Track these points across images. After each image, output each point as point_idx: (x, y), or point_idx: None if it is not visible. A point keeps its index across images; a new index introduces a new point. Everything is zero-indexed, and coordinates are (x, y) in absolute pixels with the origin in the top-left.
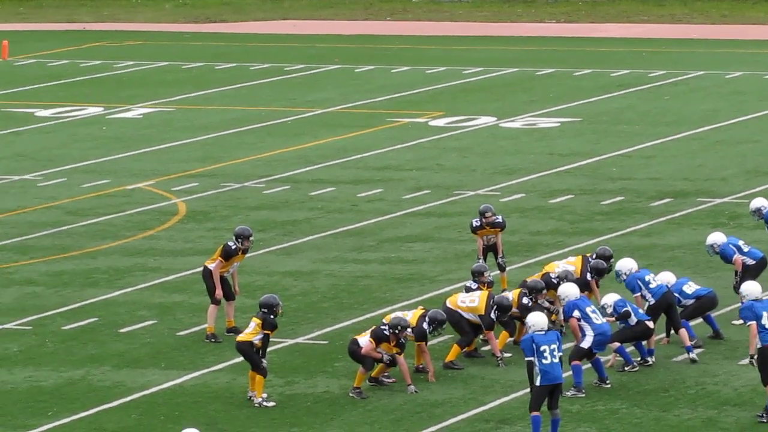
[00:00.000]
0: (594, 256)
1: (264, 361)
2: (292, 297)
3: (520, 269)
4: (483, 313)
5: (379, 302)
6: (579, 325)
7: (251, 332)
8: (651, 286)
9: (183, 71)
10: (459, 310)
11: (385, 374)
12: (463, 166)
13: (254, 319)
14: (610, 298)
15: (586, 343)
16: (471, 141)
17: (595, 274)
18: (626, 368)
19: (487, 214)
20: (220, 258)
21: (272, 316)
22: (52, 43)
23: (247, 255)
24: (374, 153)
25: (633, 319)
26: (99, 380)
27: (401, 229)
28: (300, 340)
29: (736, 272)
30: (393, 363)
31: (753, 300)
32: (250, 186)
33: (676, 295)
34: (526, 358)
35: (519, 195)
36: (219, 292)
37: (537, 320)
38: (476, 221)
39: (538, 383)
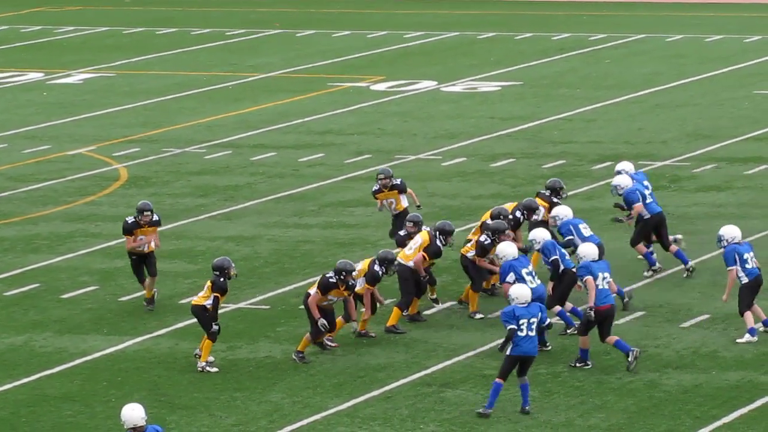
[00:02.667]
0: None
1: (215, 325)
2: (234, 262)
3: (462, 233)
4: (428, 244)
5: (321, 267)
6: None
7: (203, 295)
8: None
9: (124, 36)
10: (404, 262)
11: (329, 338)
12: (404, 131)
13: (208, 282)
14: (538, 234)
15: None
16: (412, 105)
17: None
18: (567, 331)
19: (380, 176)
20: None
21: (222, 279)
22: None
23: (190, 220)
24: (315, 117)
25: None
26: (41, 346)
27: (343, 193)
28: (242, 305)
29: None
30: (330, 329)
31: (590, 261)
32: (191, 151)
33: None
34: (509, 327)
35: (460, 159)
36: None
37: (520, 292)
38: (375, 186)
39: (508, 352)
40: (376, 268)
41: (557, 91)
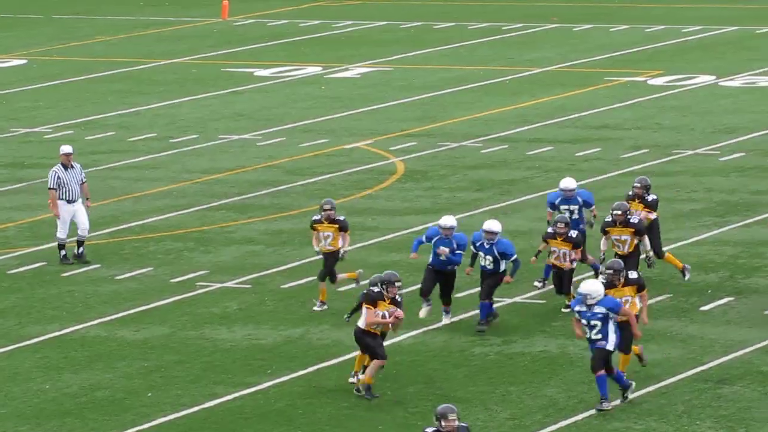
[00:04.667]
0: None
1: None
2: None
3: (740, 228)
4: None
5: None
6: None
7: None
8: None
9: (401, 30)
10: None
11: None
12: (681, 125)
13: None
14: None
15: None
16: (690, 100)
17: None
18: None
19: (325, 205)
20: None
21: (379, 291)
22: (271, 3)
23: (466, 214)
24: (592, 112)
25: None
26: (318, 338)
27: (619, 188)
28: (517, 299)
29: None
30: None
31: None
32: (468, 145)
33: None
34: None
35: (739, 154)
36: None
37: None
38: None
39: None
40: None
41: None
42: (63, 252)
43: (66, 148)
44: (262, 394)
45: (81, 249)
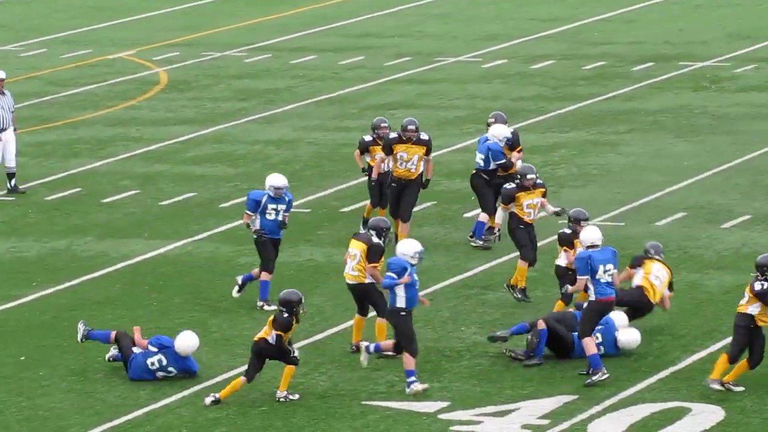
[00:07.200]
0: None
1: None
2: (275, 166)
3: None
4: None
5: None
6: None
7: (265, 330)
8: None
9: None
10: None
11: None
12: (444, 33)
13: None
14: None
15: None
16: (452, 7)
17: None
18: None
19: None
20: None
21: (288, 315)
22: None
23: (230, 123)
24: (355, 20)
25: None
26: (82, 250)
27: (383, 96)
28: None
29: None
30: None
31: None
32: (231, 54)
33: None
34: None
35: (501, 61)
36: None
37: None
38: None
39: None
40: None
41: None
42: None
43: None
44: (27, 307)
45: (14, 181)
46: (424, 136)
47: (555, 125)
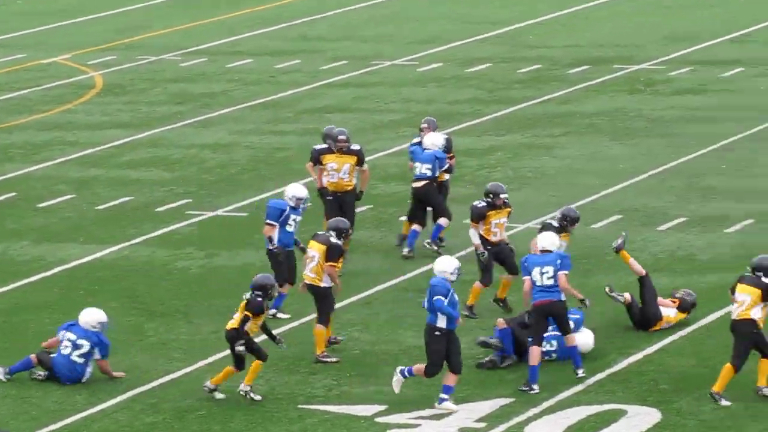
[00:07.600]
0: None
1: (239, 346)
2: (211, 169)
3: None
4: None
5: (297, 173)
6: None
7: (237, 318)
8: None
9: None
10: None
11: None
12: (379, 36)
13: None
14: None
15: None
16: (388, 11)
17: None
18: None
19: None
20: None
21: (261, 300)
22: None
23: (166, 127)
24: (290, 24)
25: None
26: (19, 255)
27: (319, 100)
28: (220, 212)
29: None
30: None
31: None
32: (167, 58)
33: None
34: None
35: (437, 64)
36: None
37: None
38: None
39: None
40: (332, 239)
41: None
42: None
43: None
44: None
45: None
46: (354, 146)
47: (491, 128)
